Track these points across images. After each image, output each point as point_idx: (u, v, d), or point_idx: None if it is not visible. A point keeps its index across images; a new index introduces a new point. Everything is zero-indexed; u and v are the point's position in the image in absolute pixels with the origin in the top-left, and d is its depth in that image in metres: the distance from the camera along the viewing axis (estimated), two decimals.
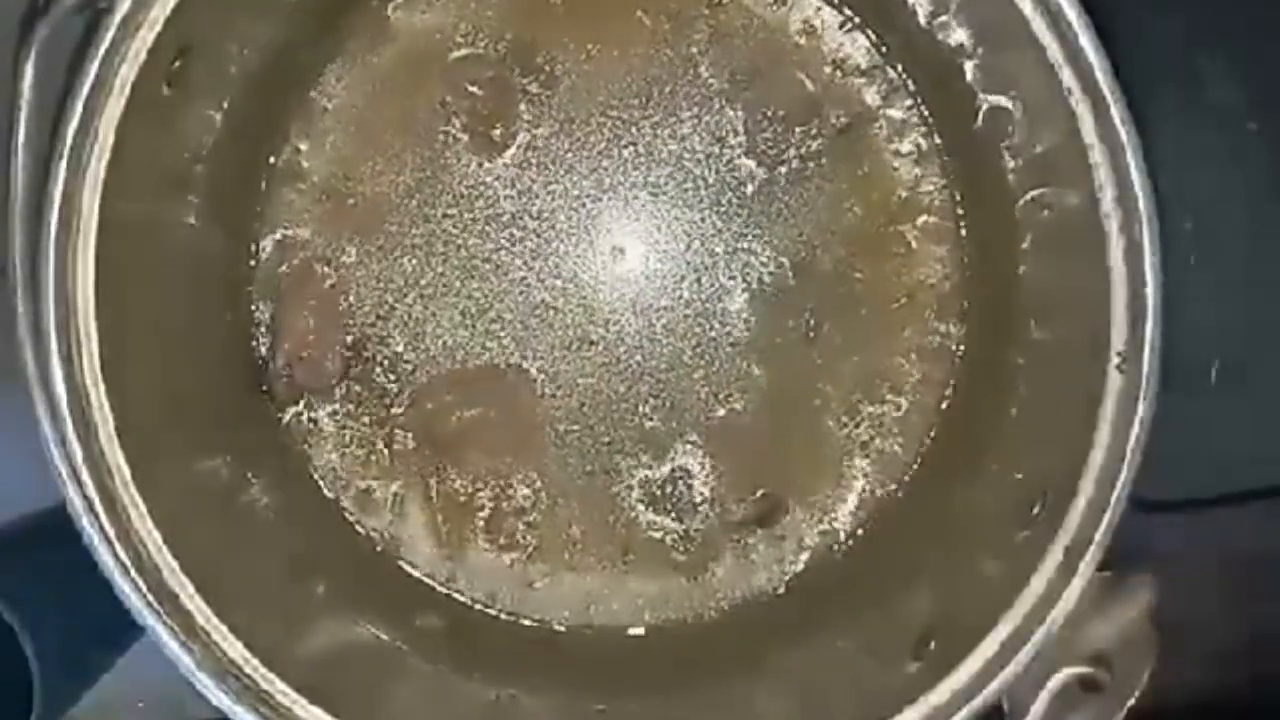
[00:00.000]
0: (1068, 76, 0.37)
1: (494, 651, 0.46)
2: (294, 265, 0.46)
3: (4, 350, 0.37)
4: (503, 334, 0.47)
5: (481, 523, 0.47)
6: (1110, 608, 0.37)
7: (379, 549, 0.47)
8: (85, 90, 0.36)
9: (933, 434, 0.47)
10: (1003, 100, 0.41)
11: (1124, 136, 0.37)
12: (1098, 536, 0.37)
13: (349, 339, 0.47)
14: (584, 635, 0.47)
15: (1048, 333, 0.42)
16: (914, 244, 0.47)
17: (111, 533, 0.37)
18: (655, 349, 0.47)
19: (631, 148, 0.46)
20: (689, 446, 0.47)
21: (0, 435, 0.44)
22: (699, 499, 0.47)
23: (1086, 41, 0.37)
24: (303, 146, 0.46)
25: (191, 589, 0.38)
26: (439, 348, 0.47)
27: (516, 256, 0.46)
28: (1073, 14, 0.37)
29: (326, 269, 0.46)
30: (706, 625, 0.47)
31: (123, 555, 0.37)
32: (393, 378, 0.47)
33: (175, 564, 0.38)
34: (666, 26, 0.46)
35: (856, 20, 0.46)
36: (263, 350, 0.46)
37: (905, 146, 0.46)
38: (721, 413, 0.47)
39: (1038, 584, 0.37)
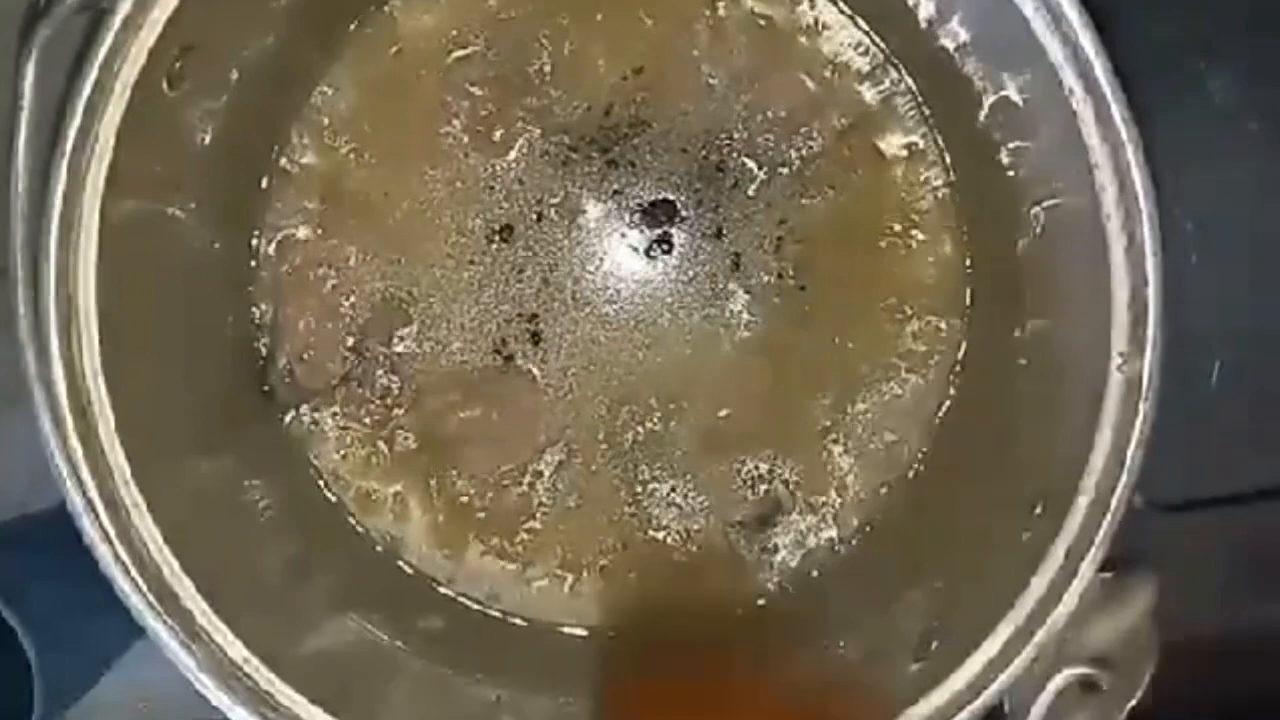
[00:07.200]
0: (1069, 76, 0.37)
1: (494, 652, 0.46)
2: (294, 265, 0.46)
3: (4, 350, 0.37)
4: (503, 334, 0.47)
5: (482, 523, 0.47)
6: (1111, 609, 0.37)
7: (379, 549, 0.47)
8: (86, 91, 0.36)
9: (933, 435, 0.47)
10: (1003, 101, 0.41)
11: (1125, 136, 0.37)
12: (1099, 537, 0.37)
13: (350, 340, 0.47)
14: (584, 635, 0.47)
15: (1049, 333, 0.42)
16: (915, 244, 0.47)
17: (112, 532, 0.37)
18: (656, 350, 0.47)
19: (633, 150, 0.46)
20: (689, 446, 0.47)
21: (0, 435, 0.44)
22: (699, 499, 0.47)
23: (1087, 42, 0.37)
24: (303, 147, 0.46)
25: (192, 589, 0.38)
26: (440, 349, 0.47)
27: (517, 258, 0.46)
28: (1073, 14, 0.37)
29: (327, 270, 0.46)
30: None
31: (123, 555, 0.37)
32: (394, 379, 0.47)
33: (175, 563, 0.38)
34: (668, 27, 0.46)
35: (858, 21, 0.46)
36: (264, 351, 0.46)
37: (906, 147, 0.46)
38: (722, 413, 0.47)
39: (1039, 585, 0.37)
